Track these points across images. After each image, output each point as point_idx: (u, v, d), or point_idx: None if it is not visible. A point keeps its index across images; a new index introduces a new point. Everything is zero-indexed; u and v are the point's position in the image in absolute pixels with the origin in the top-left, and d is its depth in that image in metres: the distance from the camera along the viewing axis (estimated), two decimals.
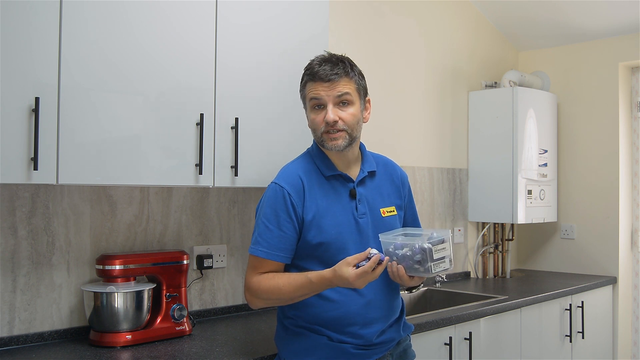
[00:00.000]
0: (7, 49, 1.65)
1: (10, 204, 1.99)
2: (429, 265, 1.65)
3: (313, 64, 1.81)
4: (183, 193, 2.42)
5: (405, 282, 1.72)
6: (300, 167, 1.83)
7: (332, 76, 1.75)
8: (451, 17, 3.71)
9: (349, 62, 1.81)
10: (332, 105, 1.76)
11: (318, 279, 1.68)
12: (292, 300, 1.75)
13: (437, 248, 1.66)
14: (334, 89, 1.76)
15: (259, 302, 1.79)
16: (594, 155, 3.85)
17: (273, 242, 1.74)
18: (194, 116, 2.05)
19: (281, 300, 1.76)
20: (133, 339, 2.04)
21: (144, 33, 1.94)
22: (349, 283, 1.62)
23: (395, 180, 1.96)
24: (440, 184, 3.60)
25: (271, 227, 1.75)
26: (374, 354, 1.82)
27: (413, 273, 1.69)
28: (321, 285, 1.69)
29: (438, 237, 1.68)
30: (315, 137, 1.83)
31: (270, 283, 1.73)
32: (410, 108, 3.43)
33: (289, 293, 1.71)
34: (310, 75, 1.79)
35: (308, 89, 1.80)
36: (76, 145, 1.78)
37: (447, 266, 1.69)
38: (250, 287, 1.78)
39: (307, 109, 1.84)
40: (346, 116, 1.77)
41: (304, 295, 1.73)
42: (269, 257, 1.74)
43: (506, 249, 3.94)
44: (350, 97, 1.78)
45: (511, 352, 2.93)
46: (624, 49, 3.75)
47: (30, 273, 2.03)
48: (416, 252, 1.66)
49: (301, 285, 1.70)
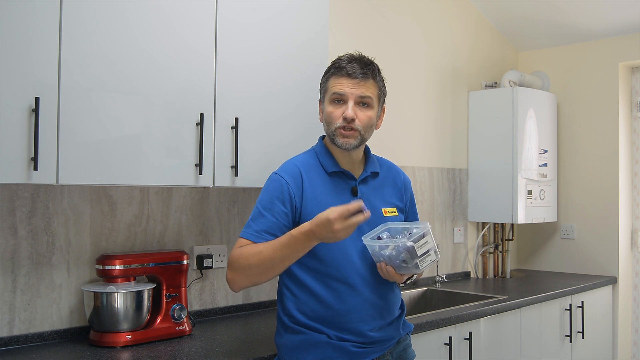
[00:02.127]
0: (7, 49, 1.65)
1: (10, 204, 1.99)
2: (415, 262, 1.66)
3: (342, 59, 1.83)
4: (183, 193, 2.42)
5: (398, 280, 1.74)
6: (302, 162, 1.85)
7: (360, 75, 1.79)
8: (451, 17, 3.71)
9: (377, 66, 1.85)
10: (352, 103, 1.78)
11: (298, 231, 1.62)
12: (273, 268, 1.67)
13: (419, 244, 1.65)
14: (359, 88, 1.79)
15: (239, 277, 1.71)
16: (594, 155, 3.85)
17: (263, 227, 1.73)
18: (194, 116, 2.05)
19: (262, 266, 1.66)
20: (133, 339, 2.04)
21: (144, 33, 1.94)
22: (328, 224, 1.55)
23: (397, 184, 1.97)
24: (440, 184, 3.60)
25: (264, 213, 1.75)
26: (374, 352, 1.82)
27: (402, 271, 1.70)
28: (301, 238, 1.61)
29: (418, 233, 1.66)
30: (328, 131, 1.83)
31: (250, 249, 1.69)
32: (410, 108, 3.43)
33: (270, 255, 1.65)
34: (337, 69, 1.81)
35: (332, 82, 1.82)
36: (76, 145, 1.78)
37: (434, 258, 1.69)
38: (231, 259, 1.72)
39: (324, 102, 1.85)
40: (363, 117, 1.79)
41: (285, 256, 1.65)
42: (254, 239, 1.71)
43: (506, 249, 3.94)
44: (371, 100, 1.81)
45: (511, 352, 2.93)
46: (624, 49, 3.75)
47: (30, 273, 2.03)
48: (400, 252, 1.66)
49: (281, 243, 1.65)
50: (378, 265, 1.73)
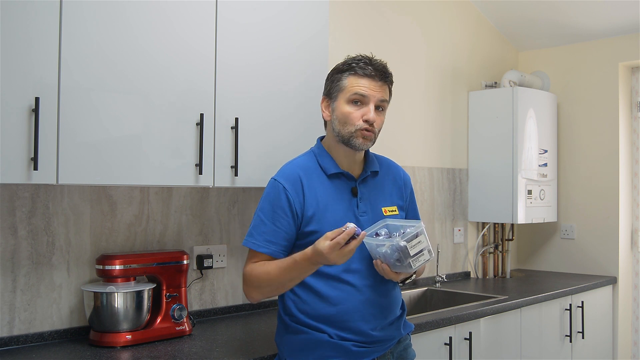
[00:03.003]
0: (7, 49, 1.65)
1: (10, 204, 1.99)
2: (408, 262, 1.66)
3: (361, 59, 1.81)
4: (183, 193, 2.42)
5: (394, 278, 1.74)
6: (301, 165, 1.85)
7: (382, 79, 1.80)
8: (451, 17, 3.71)
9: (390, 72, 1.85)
10: (373, 105, 1.79)
11: (301, 257, 1.67)
12: (283, 286, 1.74)
13: (412, 244, 1.65)
14: (380, 91, 1.80)
15: (254, 292, 1.78)
16: (594, 155, 3.85)
17: (265, 236, 1.76)
18: (194, 116, 2.05)
19: (272, 286, 1.74)
20: (133, 339, 2.04)
21: (144, 33, 1.94)
22: (324, 257, 1.59)
23: (397, 181, 1.97)
24: (440, 184, 3.60)
25: (265, 221, 1.77)
26: (375, 352, 1.82)
27: (397, 269, 1.70)
28: (304, 264, 1.66)
29: (411, 233, 1.66)
30: (344, 131, 1.80)
31: (260, 269, 1.74)
32: (411, 108, 3.43)
33: (278, 277, 1.71)
34: (360, 69, 1.79)
35: (352, 82, 1.79)
36: (76, 145, 1.78)
37: (427, 257, 1.69)
38: (244, 277, 1.79)
39: (336, 100, 1.82)
40: (379, 121, 1.82)
41: (293, 278, 1.71)
42: (258, 249, 1.76)
43: (506, 249, 3.94)
44: (386, 105, 1.84)
45: (511, 352, 2.93)
46: (624, 49, 3.75)
47: (30, 273, 2.03)
48: (393, 251, 1.67)
49: (287, 266, 1.70)
50: (374, 262, 1.74)
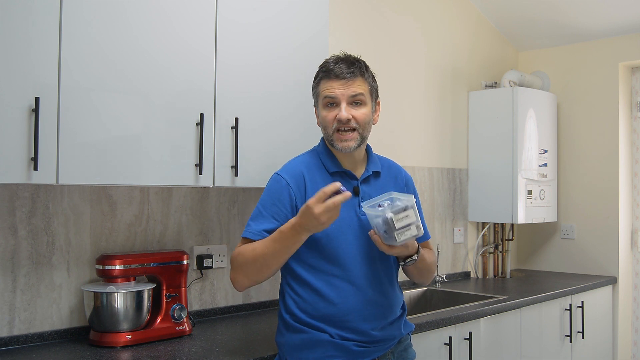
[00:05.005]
0: (7, 49, 1.65)
1: (10, 204, 1.99)
2: (393, 234, 1.66)
3: (329, 61, 1.82)
4: (183, 193, 2.42)
5: (386, 251, 1.73)
6: (304, 162, 1.86)
7: (348, 75, 1.78)
8: (451, 17, 3.71)
9: (364, 63, 1.84)
10: (345, 104, 1.78)
11: (286, 225, 1.66)
12: (268, 265, 1.70)
13: (399, 217, 1.65)
14: (349, 87, 1.78)
15: (239, 275, 1.75)
16: (594, 155, 3.85)
17: (263, 227, 1.75)
18: (194, 116, 2.05)
19: (257, 263, 1.70)
20: (133, 339, 2.04)
21: (144, 33, 1.94)
22: (310, 210, 1.58)
23: (399, 182, 1.98)
24: (440, 184, 3.60)
25: (265, 214, 1.77)
26: (376, 351, 1.82)
27: (387, 242, 1.70)
28: (289, 232, 1.65)
29: (399, 206, 1.66)
30: (326, 135, 1.84)
31: (246, 248, 1.73)
32: (410, 108, 3.43)
33: (263, 252, 1.68)
34: (325, 73, 1.81)
35: (322, 87, 1.81)
36: (76, 145, 1.78)
37: (415, 232, 1.68)
38: (231, 260, 1.77)
39: (318, 107, 1.85)
40: (359, 115, 1.79)
41: (277, 251, 1.68)
42: (254, 237, 1.74)
43: (506, 249, 3.94)
44: (363, 97, 1.80)
45: (511, 352, 2.93)
46: (624, 49, 3.75)
47: (30, 273, 2.03)
48: (383, 223, 1.67)
49: (271, 238, 1.69)
50: (369, 232, 1.74)
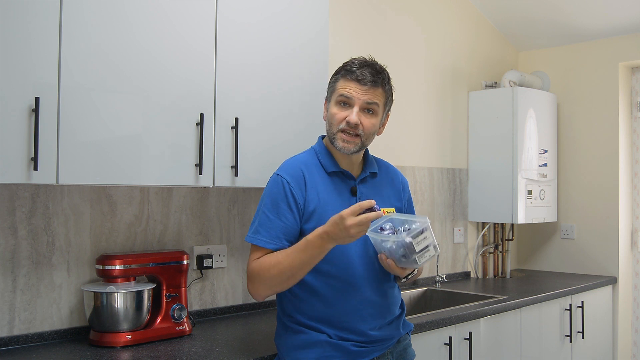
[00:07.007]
0: (7, 49, 1.65)
1: (10, 204, 1.99)
2: (414, 257, 1.66)
3: (354, 62, 1.82)
4: (183, 193, 2.42)
5: (399, 273, 1.74)
6: (303, 161, 1.85)
7: (370, 82, 1.78)
8: (451, 17, 3.71)
9: (387, 75, 1.84)
10: (358, 108, 1.78)
11: (313, 234, 1.65)
12: (294, 275, 1.69)
13: (418, 240, 1.65)
14: (367, 94, 1.78)
15: (260, 288, 1.74)
16: (594, 155, 3.85)
17: (273, 232, 1.74)
18: (194, 116, 2.05)
19: (283, 275, 1.68)
20: (133, 339, 2.04)
21: (144, 33, 1.94)
22: (342, 222, 1.57)
23: (396, 184, 1.98)
24: (440, 184, 3.60)
25: (271, 217, 1.75)
26: (374, 351, 1.82)
27: (402, 265, 1.70)
28: (317, 241, 1.63)
29: (417, 229, 1.66)
30: (329, 132, 1.83)
31: (268, 261, 1.71)
32: (411, 108, 3.43)
33: (290, 264, 1.67)
34: (348, 72, 1.80)
35: (340, 84, 1.81)
36: (76, 145, 1.78)
37: (433, 253, 1.69)
38: (251, 273, 1.75)
39: (330, 102, 1.85)
40: (367, 124, 1.79)
41: (304, 262, 1.66)
42: (268, 246, 1.73)
43: (506, 249, 3.94)
44: (377, 107, 1.81)
45: (511, 352, 2.93)
46: (624, 49, 3.75)
47: (30, 273, 2.03)
48: (399, 247, 1.67)
49: (297, 249, 1.67)
50: (379, 255, 1.72)
